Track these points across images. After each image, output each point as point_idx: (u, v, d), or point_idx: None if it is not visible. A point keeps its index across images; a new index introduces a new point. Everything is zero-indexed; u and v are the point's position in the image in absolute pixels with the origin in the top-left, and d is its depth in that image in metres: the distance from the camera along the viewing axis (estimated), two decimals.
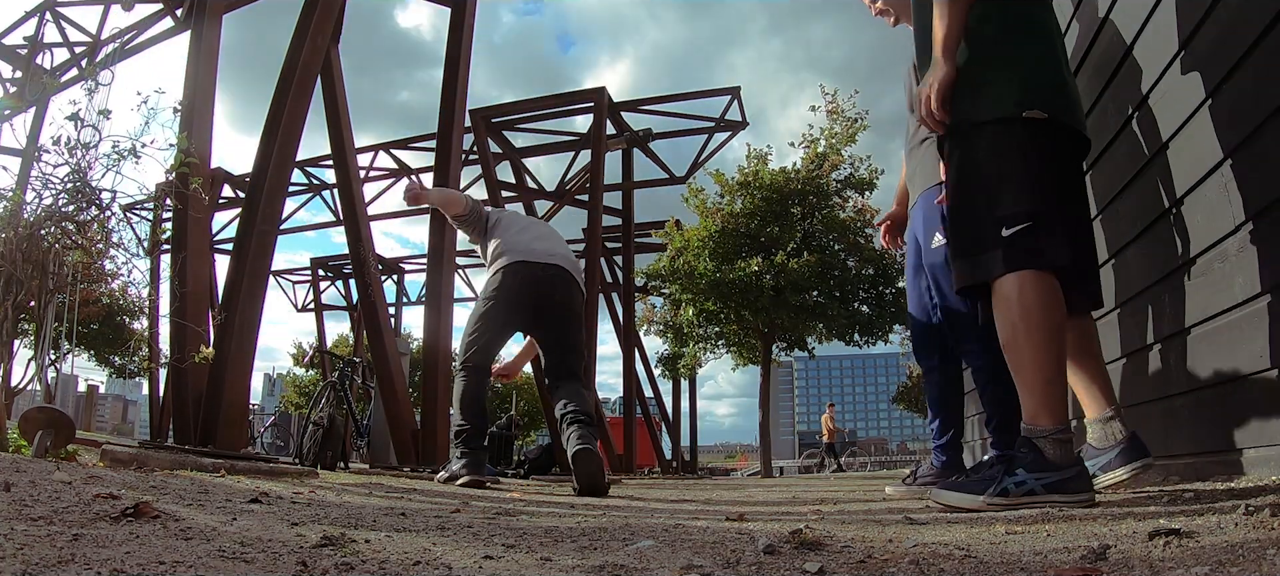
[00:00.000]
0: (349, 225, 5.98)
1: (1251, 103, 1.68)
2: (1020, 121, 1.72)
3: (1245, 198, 1.73)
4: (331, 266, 16.48)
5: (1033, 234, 1.66)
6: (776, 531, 1.27)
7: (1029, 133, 1.72)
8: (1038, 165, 1.72)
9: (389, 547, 1.04)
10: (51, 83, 7.52)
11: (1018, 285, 1.66)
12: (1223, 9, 1.77)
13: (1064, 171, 1.78)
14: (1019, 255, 1.66)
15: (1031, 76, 1.77)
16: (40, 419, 2.43)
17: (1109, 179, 2.51)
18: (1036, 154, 1.73)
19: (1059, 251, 1.68)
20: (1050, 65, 1.81)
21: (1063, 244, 1.69)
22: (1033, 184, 1.71)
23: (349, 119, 6.07)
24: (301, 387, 26.80)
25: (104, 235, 3.01)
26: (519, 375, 4.87)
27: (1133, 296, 2.39)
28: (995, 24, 1.79)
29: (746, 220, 9.31)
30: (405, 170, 12.06)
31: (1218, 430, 1.93)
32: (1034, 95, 1.73)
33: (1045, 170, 1.73)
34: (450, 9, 5.93)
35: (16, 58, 8.61)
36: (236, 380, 3.70)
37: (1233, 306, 1.81)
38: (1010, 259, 1.66)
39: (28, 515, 1.05)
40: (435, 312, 5.52)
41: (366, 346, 6.53)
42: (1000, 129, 1.74)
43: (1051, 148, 1.75)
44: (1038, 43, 1.81)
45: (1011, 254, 1.66)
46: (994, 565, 0.91)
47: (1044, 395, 1.64)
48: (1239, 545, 0.90)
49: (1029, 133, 1.72)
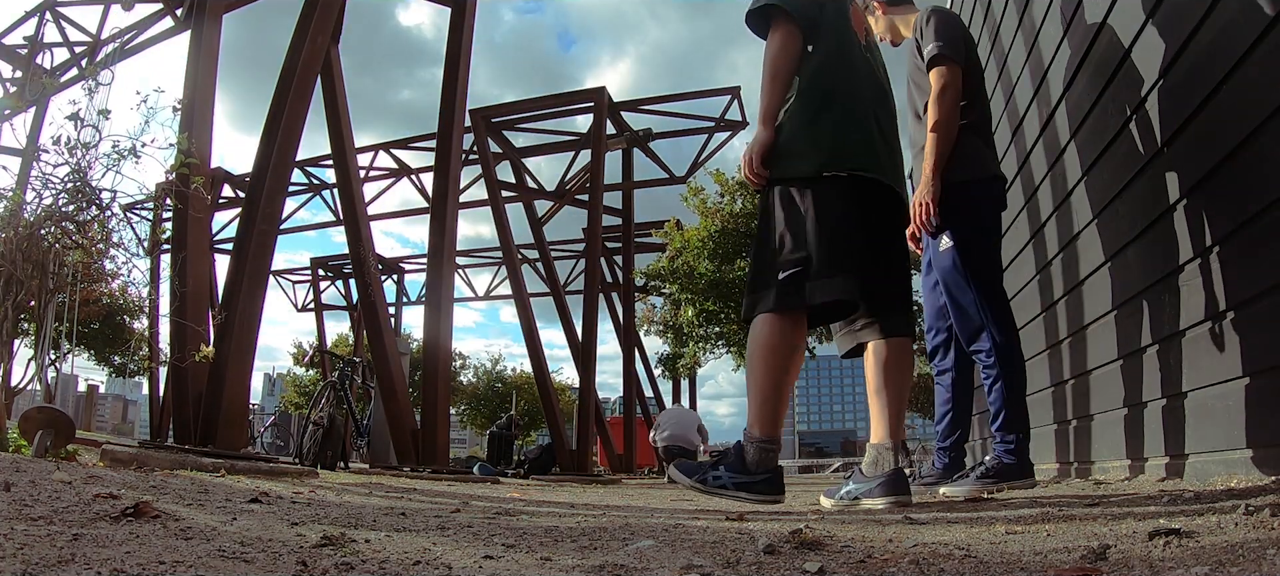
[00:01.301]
0: (349, 225, 5.98)
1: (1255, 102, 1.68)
2: (820, 180, 1.99)
3: (1245, 198, 1.73)
4: (331, 266, 16.47)
5: (802, 278, 1.92)
6: (776, 531, 1.27)
7: (826, 190, 1.99)
8: (826, 219, 1.96)
9: (389, 547, 1.04)
10: (51, 83, 7.52)
11: (763, 324, 1.95)
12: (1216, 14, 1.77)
13: (867, 221, 2.02)
14: (789, 296, 1.93)
15: (831, 142, 2.02)
16: (40, 419, 2.43)
17: (1108, 180, 2.51)
18: (829, 209, 1.97)
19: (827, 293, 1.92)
20: (850, 128, 2.06)
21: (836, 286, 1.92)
22: (813, 236, 1.95)
23: (349, 118, 6.07)
24: (301, 387, 26.78)
25: (104, 235, 3.01)
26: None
27: (1132, 296, 2.40)
28: (804, 98, 2.07)
29: (747, 220, 9.31)
30: (405, 170, 12.05)
31: (1218, 430, 1.93)
32: (833, 158, 2.00)
33: (833, 223, 1.96)
34: (450, 8, 5.92)
35: (16, 58, 8.61)
36: (236, 380, 3.70)
37: (1233, 307, 1.81)
38: (780, 299, 1.94)
39: (28, 515, 1.05)
40: (435, 312, 5.52)
41: (366, 346, 6.53)
42: (799, 188, 2.01)
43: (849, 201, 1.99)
44: (837, 110, 2.06)
45: (782, 294, 1.94)
46: (994, 565, 0.91)
47: (760, 411, 1.95)
48: (1239, 545, 0.90)
49: (826, 190, 1.99)
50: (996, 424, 2.39)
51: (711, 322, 10.01)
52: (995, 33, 3.83)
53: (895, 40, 2.76)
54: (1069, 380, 3.09)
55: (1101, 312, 2.67)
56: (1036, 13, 3.12)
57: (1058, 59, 2.89)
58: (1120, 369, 2.53)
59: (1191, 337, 2.03)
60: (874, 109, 2.14)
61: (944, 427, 2.77)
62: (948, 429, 2.76)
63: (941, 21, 2.48)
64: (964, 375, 2.74)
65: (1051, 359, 3.32)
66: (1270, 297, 1.66)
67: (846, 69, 2.13)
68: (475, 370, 29.00)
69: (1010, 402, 2.36)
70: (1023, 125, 3.44)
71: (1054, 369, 3.30)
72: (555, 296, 10.40)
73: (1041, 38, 3.08)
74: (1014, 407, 2.36)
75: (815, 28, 2.11)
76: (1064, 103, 2.86)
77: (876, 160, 2.08)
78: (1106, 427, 2.71)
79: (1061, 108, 2.89)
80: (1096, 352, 2.74)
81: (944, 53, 2.38)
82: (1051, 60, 2.96)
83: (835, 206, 1.98)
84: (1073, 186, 2.85)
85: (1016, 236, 3.67)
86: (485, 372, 28.57)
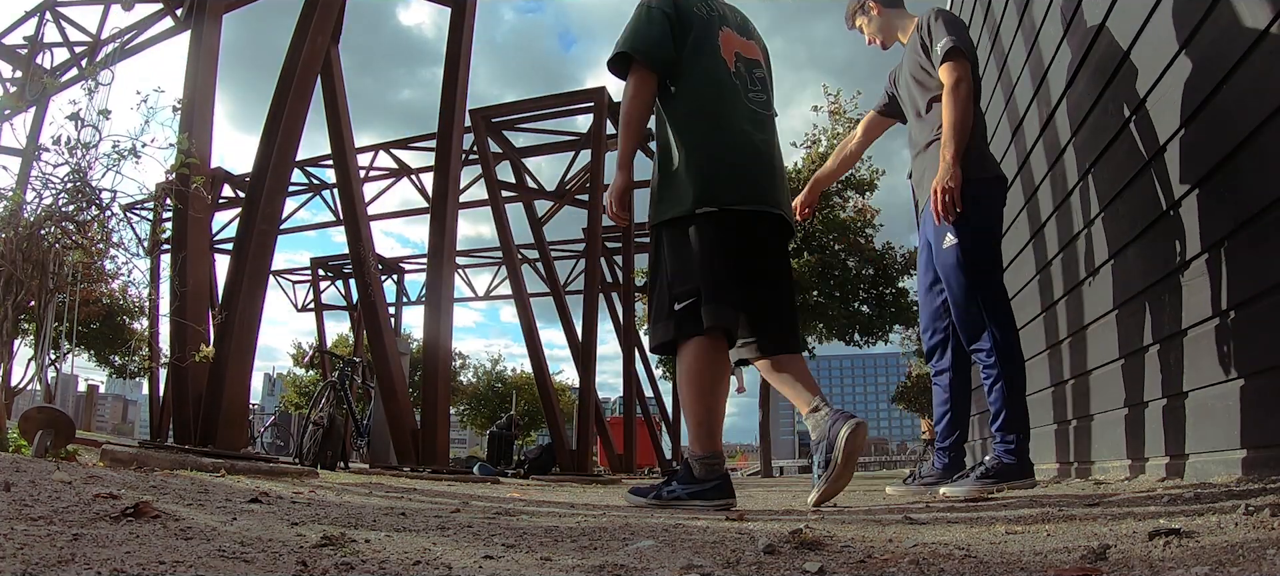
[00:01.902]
0: (349, 225, 5.98)
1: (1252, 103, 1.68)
2: (694, 217, 2.12)
3: (1245, 197, 1.73)
4: (331, 266, 16.46)
5: (695, 308, 2.09)
6: (776, 531, 1.27)
7: (702, 224, 2.12)
8: (705, 251, 2.11)
9: (389, 547, 1.04)
10: (51, 83, 7.51)
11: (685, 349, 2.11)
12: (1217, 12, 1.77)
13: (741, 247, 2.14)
14: (686, 325, 2.11)
15: (702, 179, 2.13)
16: (40, 419, 2.43)
17: (1108, 180, 2.51)
18: (706, 241, 2.11)
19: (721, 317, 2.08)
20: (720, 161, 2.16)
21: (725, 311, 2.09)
22: (697, 267, 2.11)
23: (349, 118, 6.06)
24: (301, 387, 26.80)
25: (104, 235, 3.01)
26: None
27: (1132, 296, 2.40)
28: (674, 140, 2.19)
29: None
30: (405, 170, 12.05)
31: (1218, 430, 1.93)
32: (706, 193, 2.12)
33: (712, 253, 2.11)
34: (450, 8, 5.92)
35: (16, 58, 8.61)
36: (236, 380, 3.69)
37: (1233, 306, 1.81)
38: (679, 327, 2.12)
39: (28, 515, 1.05)
40: (435, 312, 5.51)
41: (366, 346, 6.52)
42: (679, 226, 2.15)
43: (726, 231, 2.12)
44: (706, 147, 2.17)
45: (680, 324, 2.11)
46: (994, 565, 0.91)
47: (696, 432, 2.13)
48: (1239, 545, 0.90)
49: (702, 224, 2.12)
50: (997, 424, 2.39)
51: None
52: (995, 33, 3.83)
53: (886, 42, 2.79)
54: (1069, 380, 3.09)
55: (1101, 312, 2.67)
56: (1036, 13, 3.12)
57: (1058, 59, 2.89)
58: (1120, 369, 2.53)
59: (1192, 337, 2.03)
60: (750, 136, 2.20)
61: (943, 428, 2.76)
62: (947, 429, 2.75)
63: (951, 19, 2.50)
64: (961, 375, 2.73)
65: (1052, 359, 3.32)
66: (1270, 297, 1.66)
67: (715, 101, 2.19)
68: (475, 370, 29.00)
69: (1010, 402, 2.36)
70: (1023, 125, 3.44)
71: (1054, 369, 3.30)
72: (555, 296, 10.39)
73: (1041, 38, 3.08)
74: (1014, 407, 2.36)
75: (676, 67, 2.18)
76: (1064, 103, 2.86)
77: (752, 189, 2.17)
78: (1106, 427, 2.71)
79: (1061, 108, 2.89)
80: (1097, 352, 2.74)
81: (959, 46, 2.40)
82: (1051, 60, 2.97)
83: (712, 239, 2.11)
84: (1073, 186, 2.85)
85: (1016, 236, 3.67)
86: (485, 372, 28.56)
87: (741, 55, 2.31)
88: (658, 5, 2.20)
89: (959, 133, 2.34)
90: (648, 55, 2.16)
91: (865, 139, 3.08)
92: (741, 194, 2.14)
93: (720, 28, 2.27)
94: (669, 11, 2.19)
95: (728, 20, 2.32)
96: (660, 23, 2.18)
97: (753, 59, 2.35)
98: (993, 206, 2.51)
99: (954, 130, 2.34)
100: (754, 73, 2.32)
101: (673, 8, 2.20)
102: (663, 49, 2.17)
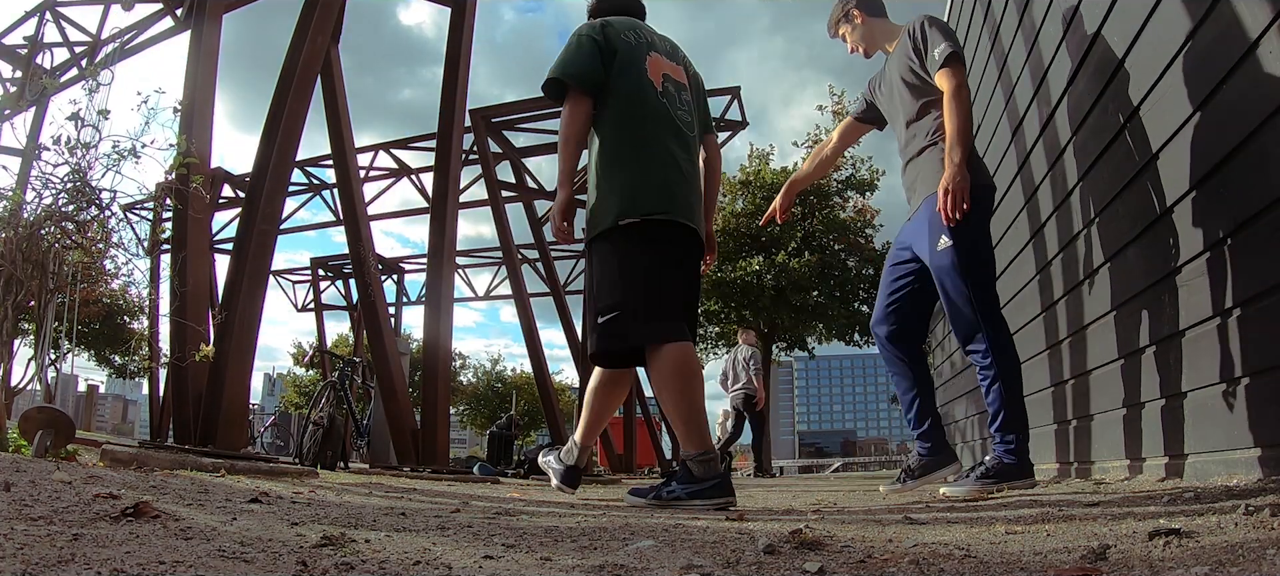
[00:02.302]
0: (349, 225, 5.98)
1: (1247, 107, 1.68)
2: (619, 230, 2.22)
3: (1245, 197, 1.73)
4: (331, 266, 16.47)
5: (617, 322, 2.20)
6: (776, 531, 1.27)
7: (627, 237, 2.23)
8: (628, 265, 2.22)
9: (389, 547, 1.04)
10: (51, 83, 7.51)
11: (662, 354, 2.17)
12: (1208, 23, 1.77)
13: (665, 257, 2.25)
14: (607, 338, 2.22)
15: (626, 193, 2.24)
16: (40, 419, 2.43)
17: (1108, 180, 2.51)
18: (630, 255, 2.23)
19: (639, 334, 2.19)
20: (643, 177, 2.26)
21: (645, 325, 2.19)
22: (621, 282, 2.22)
23: (349, 118, 6.06)
24: (301, 387, 26.81)
25: (104, 235, 3.01)
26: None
27: (1132, 296, 2.40)
28: (602, 160, 2.32)
29: (747, 220, 9.32)
30: (405, 170, 12.05)
31: (1218, 430, 1.93)
32: (629, 206, 2.22)
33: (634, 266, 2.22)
34: (450, 8, 5.92)
35: (16, 58, 8.61)
36: (236, 380, 3.69)
37: (1233, 306, 1.81)
38: (600, 341, 2.24)
39: (28, 515, 1.05)
40: (435, 312, 5.51)
41: (366, 346, 6.52)
42: (605, 241, 2.27)
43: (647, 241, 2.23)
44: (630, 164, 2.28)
45: (602, 337, 2.23)
46: (994, 565, 0.91)
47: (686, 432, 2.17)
48: (1239, 545, 0.90)
49: (627, 237, 2.23)
50: (995, 424, 2.40)
51: (711, 322, 10.01)
52: (995, 33, 3.83)
53: (869, 51, 2.82)
54: (1069, 380, 3.09)
55: (1101, 312, 2.67)
56: (1036, 13, 3.12)
57: (1058, 59, 2.89)
58: (1120, 369, 2.53)
59: (1191, 337, 2.03)
60: (674, 153, 2.32)
61: (914, 416, 2.74)
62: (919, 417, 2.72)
63: (944, 26, 2.52)
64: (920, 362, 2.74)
65: (1051, 359, 3.32)
66: (1271, 297, 1.66)
67: (640, 121, 2.32)
68: (475, 370, 29.00)
69: (1008, 403, 2.37)
70: (1023, 125, 3.44)
71: (1054, 369, 3.30)
72: (555, 296, 10.40)
73: (1041, 38, 3.08)
74: (1012, 407, 2.37)
75: (605, 89, 2.33)
76: (1064, 102, 2.86)
77: (673, 202, 2.27)
78: (1106, 427, 2.71)
79: (1061, 107, 2.89)
80: (1096, 352, 2.74)
81: (956, 51, 2.42)
82: (1052, 60, 2.96)
83: (634, 250, 2.23)
84: (1073, 186, 2.85)
85: (1016, 236, 3.67)
86: (485, 373, 28.55)
87: (670, 77, 2.44)
88: (588, 33, 2.36)
89: (965, 136, 2.36)
90: (579, 79, 2.30)
91: (841, 144, 3.13)
92: (664, 206, 2.25)
93: (648, 53, 2.42)
94: (598, 38, 2.34)
95: (656, 46, 2.47)
96: (589, 48, 2.33)
97: (680, 82, 2.48)
98: (985, 213, 2.53)
99: (960, 134, 2.35)
100: (681, 95, 2.45)
101: (602, 34, 2.36)
102: (594, 73, 2.31)
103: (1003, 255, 3.90)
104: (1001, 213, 3.86)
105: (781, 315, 9.33)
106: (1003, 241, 3.88)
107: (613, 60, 2.33)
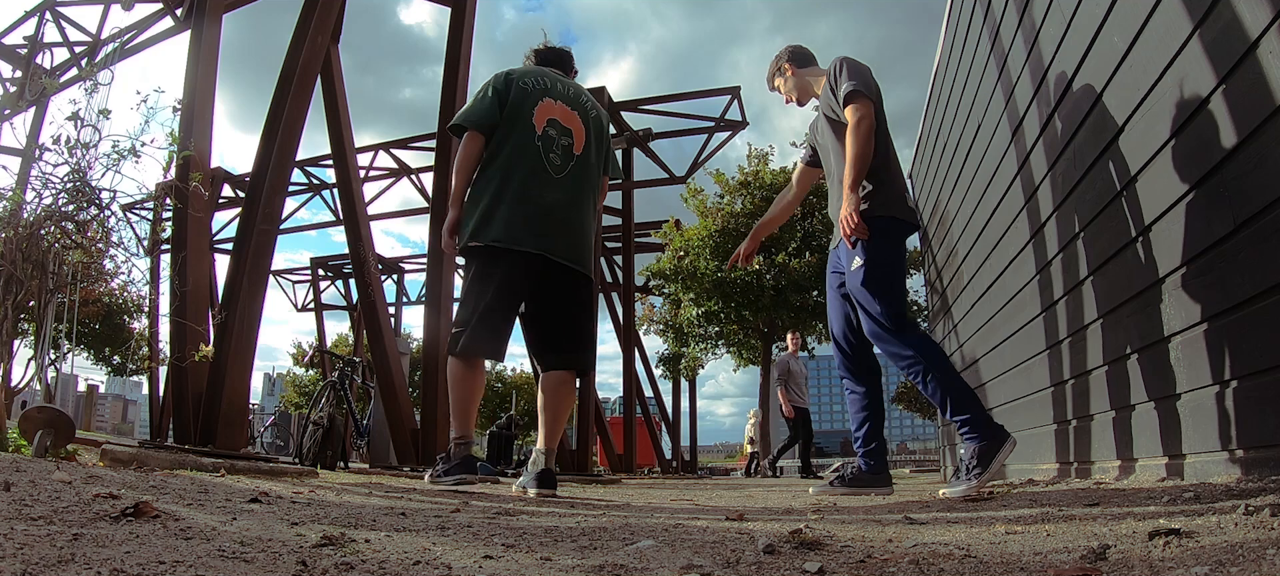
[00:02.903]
0: (349, 225, 5.98)
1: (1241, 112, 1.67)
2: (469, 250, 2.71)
3: (1245, 198, 1.73)
4: (331, 266, 16.47)
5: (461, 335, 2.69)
6: (776, 531, 1.27)
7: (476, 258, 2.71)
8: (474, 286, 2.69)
9: (389, 547, 1.04)
10: (51, 83, 7.50)
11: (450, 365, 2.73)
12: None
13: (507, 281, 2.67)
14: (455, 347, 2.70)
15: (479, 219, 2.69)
16: (40, 418, 2.42)
17: (1108, 180, 2.51)
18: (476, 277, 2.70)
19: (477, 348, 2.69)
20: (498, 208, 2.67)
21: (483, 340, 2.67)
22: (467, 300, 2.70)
23: (349, 118, 6.06)
24: (301, 387, 26.80)
25: (104, 235, 3.01)
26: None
27: (1131, 296, 2.40)
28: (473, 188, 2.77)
29: (747, 220, 9.31)
30: (405, 170, 12.05)
31: (1217, 430, 1.93)
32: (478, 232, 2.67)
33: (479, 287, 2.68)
34: (450, 7, 5.92)
35: (16, 58, 8.61)
36: (236, 380, 3.69)
37: (1233, 306, 1.81)
38: (451, 349, 2.72)
39: (28, 515, 1.05)
40: (435, 312, 5.51)
41: (366, 346, 6.52)
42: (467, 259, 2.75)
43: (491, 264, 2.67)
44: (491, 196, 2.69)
45: (452, 345, 2.71)
46: (994, 565, 0.91)
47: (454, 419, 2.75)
48: (1239, 545, 0.90)
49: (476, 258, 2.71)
50: (948, 414, 2.49)
51: (712, 322, 10.01)
52: (995, 33, 3.83)
53: (802, 100, 3.06)
54: (1068, 380, 3.09)
55: (1101, 313, 2.67)
56: (1036, 13, 3.12)
57: (1058, 59, 2.89)
58: (1120, 369, 2.53)
59: (1191, 338, 2.03)
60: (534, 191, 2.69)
61: (863, 436, 2.91)
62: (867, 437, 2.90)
63: (853, 65, 2.75)
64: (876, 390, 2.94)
65: (1051, 359, 3.32)
66: (1271, 297, 1.66)
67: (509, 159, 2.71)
68: None
69: (947, 386, 2.47)
70: (1023, 125, 3.44)
71: (1053, 369, 3.30)
72: None
73: (1041, 38, 3.08)
74: (953, 389, 2.47)
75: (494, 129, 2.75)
76: (1064, 103, 2.86)
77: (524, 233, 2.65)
78: (1106, 428, 2.71)
79: (1061, 107, 2.89)
80: (1096, 353, 2.74)
81: (858, 89, 2.64)
82: (1052, 60, 2.96)
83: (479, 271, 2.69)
84: (1072, 187, 2.85)
85: (1016, 236, 3.67)
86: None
87: (556, 121, 2.80)
88: (492, 84, 2.80)
89: (858, 164, 2.58)
90: (474, 123, 2.75)
91: (799, 190, 3.41)
92: (512, 237, 2.63)
93: (541, 99, 2.79)
94: (500, 89, 2.78)
95: (553, 92, 2.84)
96: (490, 100, 2.76)
97: (568, 127, 2.82)
98: (898, 243, 2.74)
99: (854, 162, 2.58)
100: (562, 139, 2.80)
101: (505, 84, 2.79)
102: (487, 118, 2.74)
103: (1003, 255, 3.90)
104: (1002, 213, 3.86)
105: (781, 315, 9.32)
106: (1003, 241, 3.89)
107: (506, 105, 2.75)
